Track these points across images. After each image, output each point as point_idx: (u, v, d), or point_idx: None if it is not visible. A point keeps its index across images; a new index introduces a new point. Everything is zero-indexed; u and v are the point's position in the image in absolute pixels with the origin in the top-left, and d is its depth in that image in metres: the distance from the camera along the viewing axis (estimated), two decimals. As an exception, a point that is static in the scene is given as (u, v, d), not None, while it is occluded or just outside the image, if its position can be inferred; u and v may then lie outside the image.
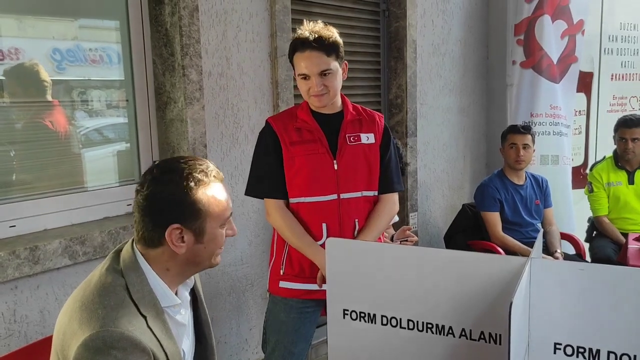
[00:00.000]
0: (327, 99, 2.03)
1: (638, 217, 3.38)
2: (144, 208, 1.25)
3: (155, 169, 1.28)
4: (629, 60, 4.66)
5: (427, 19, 3.74)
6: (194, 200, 1.24)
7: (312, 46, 1.97)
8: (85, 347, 1.08)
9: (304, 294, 2.08)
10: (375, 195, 2.12)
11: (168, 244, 1.25)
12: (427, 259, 1.39)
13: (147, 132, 2.55)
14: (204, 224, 1.26)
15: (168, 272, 1.27)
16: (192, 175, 1.25)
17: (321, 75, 1.99)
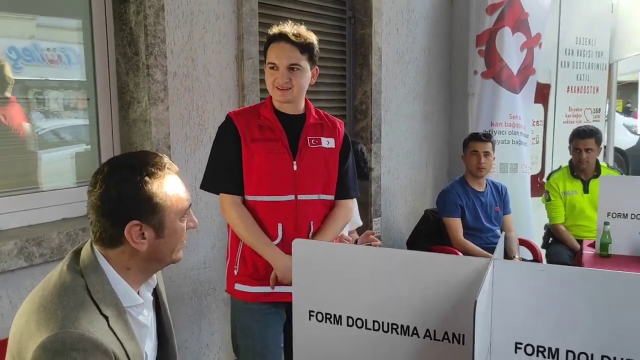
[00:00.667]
0: (290, 95, 2.03)
1: (592, 225, 3.48)
2: (99, 208, 1.21)
3: (106, 167, 1.24)
4: (584, 74, 4.83)
5: (392, 27, 3.79)
6: (151, 195, 1.22)
7: (289, 39, 1.99)
8: (43, 349, 1.05)
9: (260, 297, 2.06)
10: (331, 200, 2.13)
11: (128, 242, 1.22)
12: (393, 261, 1.41)
13: (109, 132, 2.50)
14: (163, 218, 1.24)
15: (129, 271, 1.24)
16: (145, 169, 1.23)
17: (289, 69, 2.00)
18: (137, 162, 1.24)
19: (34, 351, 1.05)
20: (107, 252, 1.23)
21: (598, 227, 2.91)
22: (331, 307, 1.45)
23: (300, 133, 2.07)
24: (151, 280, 1.33)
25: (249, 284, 2.06)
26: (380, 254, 1.45)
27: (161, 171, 1.25)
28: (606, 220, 2.87)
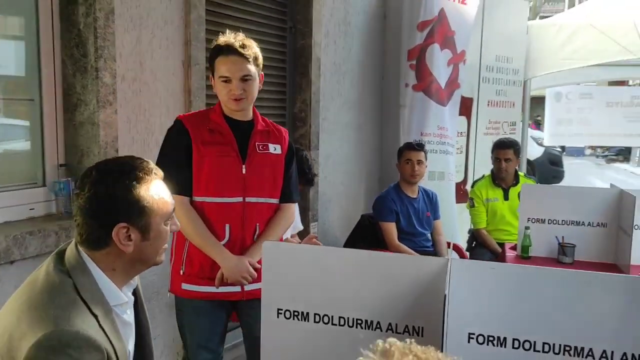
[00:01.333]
0: (245, 104, 2.12)
1: (512, 229, 3.79)
2: (87, 210, 1.25)
3: (94, 171, 1.28)
4: (502, 89, 5.22)
5: (330, 39, 3.94)
6: (138, 198, 1.26)
7: (236, 52, 2.07)
8: (39, 347, 1.07)
9: (206, 296, 2.13)
10: (276, 203, 2.23)
11: (114, 244, 1.25)
12: (357, 261, 1.52)
13: (53, 134, 2.45)
14: (150, 221, 1.29)
15: (115, 271, 1.28)
16: (133, 173, 1.27)
17: (242, 80, 2.08)
18: (125, 166, 1.29)
19: (29, 349, 1.07)
20: (93, 254, 1.26)
21: (519, 231, 3.18)
22: (298, 305, 1.54)
23: (248, 138, 2.15)
24: (132, 280, 1.37)
25: (196, 283, 2.12)
26: (345, 254, 1.56)
27: (148, 176, 1.29)
28: (527, 224, 3.14)
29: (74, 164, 2.48)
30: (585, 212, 3.08)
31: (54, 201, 2.43)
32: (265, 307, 1.57)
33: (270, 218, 2.21)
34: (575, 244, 3.04)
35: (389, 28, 4.49)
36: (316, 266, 1.53)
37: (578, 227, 3.10)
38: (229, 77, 2.08)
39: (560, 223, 3.12)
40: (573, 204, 3.10)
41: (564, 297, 1.35)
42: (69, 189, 2.41)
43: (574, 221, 3.10)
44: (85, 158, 2.46)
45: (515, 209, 3.80)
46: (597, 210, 3.07)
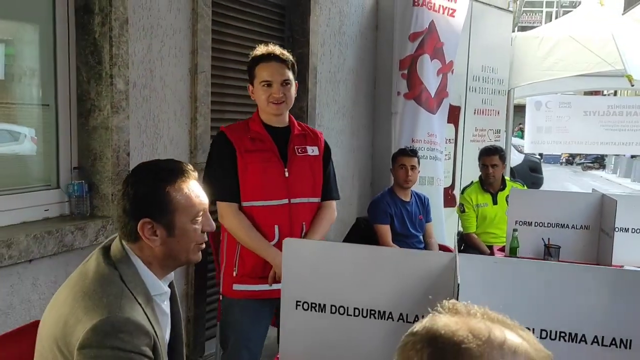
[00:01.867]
0: (284, 107, 2.26)
1: (500, 232, 3.96)
2: (121, 205, 1.37)
3: (131, 171, 1.41)
4: (488, 98, 5.42)
5: (326, 48, 4.08)
6: (162, 195, 1.35)
7: (277, 58, 2.22)
8: (94, 331, 1.18)
9: (257, 295, 2.24)
10: (318, 202, 2.36)
11: (142, 239, 1.36)
12: (371, 256, 1.66)
13: (67, 138, 2.54)
14: (174, 218, 1.37)
15: (151, 265, 1.39)
16: (162, 173, 1.38)
17: (283, 84, 2.21)
18: (156, 167, 1.40)
19: (85, 333, 1.18)
20: (131, 246, 1.37)
21: (507, 233, 3.34)
22: (316, 297, 1.67)
23: (287, 143, 2.29)
24: (169, 274, 1.48)
25: (248, 283, 2.25)
26: (360, 250, 1.69)
27: (177, 176, 1.39)
28: (514, 227, 3.31)
29: (87, 166, 2.57)
30: (569, 216, 3.26)
31: (67, 202, 2.53)
32: (284, 300, 1.69)
33: (313, 216, 2.35)
34: (560, 245, 3.21)
35: (381, 38, 4.65)
36: (332, 261, 1.66)
37: (563, 229, 3.27)
38: (270, 81, 2.23)
39: (546, 225, 3.29)
40: (558, 207, 3.28)
41: (558, 288, 1.50)
42: (82, 191, 2.51)
43: (559, 224, 3.27)
44: (98, 161, 2.56)
45: (503, 213, 3.98)
46: (581, 214, 3.25)
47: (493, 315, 0.75)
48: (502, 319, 0.74)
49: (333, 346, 1.67)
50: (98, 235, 2.48)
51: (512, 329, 0.73)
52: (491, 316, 0.75)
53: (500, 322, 0.73)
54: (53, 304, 1.32)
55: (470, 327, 0.72)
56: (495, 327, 0.72)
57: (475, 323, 0.73)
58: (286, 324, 1.70)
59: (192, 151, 3.01)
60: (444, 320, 0.75)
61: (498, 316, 0.75)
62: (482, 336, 0.70)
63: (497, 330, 0.71)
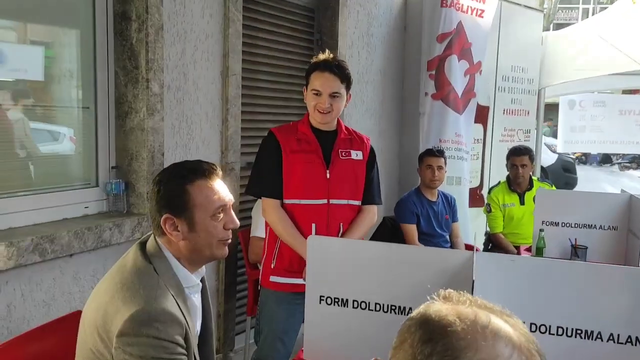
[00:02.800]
0: (329, 118, 2.35)
1: (527, 232, 3.96)
2: (151, 201, 1.49)
3: (160, 172, 1.52)
4: (517, 98, 5.40)
5: (355, 50, 4.15)
6: (182, 192, 1.45)
7: (332, 69, 2.30)
8: (132, 320, 1.28)
9: (292, 288, 2.34)
10: (358, 205, 2.45)
11: (167, 234, 1.45)
12: (392, 253, 1.72)
13: (106, 139, 2.67)
14: (193, 214, 1.45)
15: (180, 259, 1.49)
16: (184, 171, 1.47)
17: (331, 96, 2.30)
18: (181, 167, 1.50)
19: (124, 322, 1.28)
20: (162, 240, 1.47)
21: (534, 234, 3.36)
22: (339, 293, 1.75)
23: (332, 146, 2.38)
24: (201, 269, 1.57)
25: (284, 276, 2.36)
26: (381, 247, 1.76)
27: (198, 175, 1.48)
28: (541, 227, 3.32)
29: (124, 166, 2.70)
30: (597, 216, 3.26)
31: (106, 200, 2.66)
32: (309, 294, 1.78)
33: (352, 218, 2.42)
34: (588, 246, 3.21)
35: (409, 40, 4.70)
36: (355, 258, 1.74)
37: (590, 230, 3.27)
38: (320, 91, 2.32)
39: (573, 226, 3.29)
40: (585, 208, 3.28)
41: (573, 287, 1.55)
42: (119, 189, 2.64)
43: (587, 224, 3.27)
44: (134, 161, 2.68)
45: (531, 213, 3.98)
46: (609, 214, 3.24)
47: (481, 303, 0.81)
48: (490, 306, 0.80)
49: (355, 340, 1.74)
50: (134, 232, 2.60)
51: (499, 315, 0.79)
52: (479, 303, 0.81)
53: (488, 308, 0.80)
54: (95, 293, 1.43)
55: (457, 312, 0.79)
56: (481, 312, 0.78)
57: (463, 309, 0.79)
58: (310, 317, 1.78)
59: (223, 151, 3.12)
60: (436, 306, 0.82)
61: (487, 304, 0.81)
62: (467, 320, 0.76)
63: (483, 315, 0.77)
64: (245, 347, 3.18)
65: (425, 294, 1.68)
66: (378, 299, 1.71)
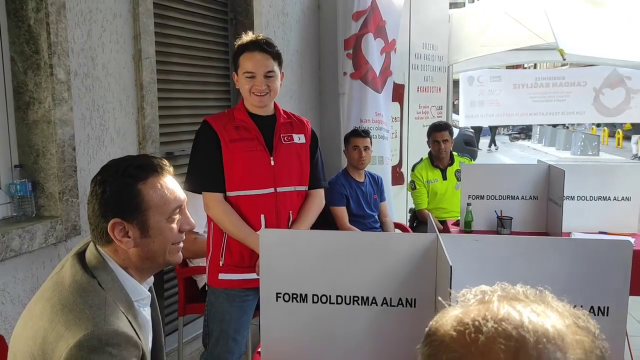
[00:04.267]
0: (267, 99, 2.19)
1: (450, 207, 4.04)
2: (91, 207, 1.27)
3: (99, 170, 1.30)
4: (429, 75, 5.49)
5: (270, 29, 3.98)
6: (133, 195, 1.25)
7: (262, 48, 2.15)
8: (79, 347, 1.08)
9: (243, 284, 2.18)
10: (305, 190, 2.32)
11: (115, 241, 1.26)
12: (351, 242, 1.63)
13: (5, 134, 2.36)
14: (147, 218, 1.27)
15: (128, 269, 1.29)
16: (130, 170, 1.27)
17: (265, 76, 2.14)
18: (124, 163, 1.29)
19: (70, 350, 1.08)
20: (105, 250, 1.27)
21: (462, 207, 3.41)
22: (297, 288, 1.62)
23: (273, 132, 2.23)
24: (149, 279, 1.38)
25: (234, 272, 2.17)
26: (339, 237, 1.66)
27: (148, 173, 1.28)
28: (468, 201, 3.38)
29: (29, 164, 2.40)
30: (519, 187, 3.36)
31: (10, 204, 2.35)
32: (264, 292, 1.64)
33: (301, 205, 2.30)
34: (512, 216, 3.31)
35: (324, 18, 4.59)
36: (312, 250, 1.62)
37: (513, 200, 3.37)
38: (253, 73, 2.15)
39: (497, 198, 3.38)
40: (508, 180, 3.37)
41: (531, 260, 1.53)
42: (25, 190, 2.34)
43: (510, 195, 3.37)
44: (41, 158, 2.39)
45: (453, 187, 4.06)
46: (529, 185, 3.36)
47: (513, 294, 0.71)
48: (521, 297, 0.70)
49: (317, 336, 1.63)
50: (47, 237, 2.32)
51: (522, 304, 0.68)
52: (511, 294, 0.71)
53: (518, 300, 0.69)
54: (27, 318, 1.21)
55: (459, 319, 0.69)
56: (490, 311, 0.67)
57: (470, 312, 0.68)
58: (267, 316, 1.65)
59: (141, 142, 2.87)
60: (445, 314, 0.72)
61: (520, 294, 0.71)
62: (461, 327, 0.67)
63: (485, 316, 0.66)
64: (179, 348, 2.98)
65: (388, 282, 1.61)
66: (339, 291, 1.61)
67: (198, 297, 2.93)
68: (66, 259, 1.29)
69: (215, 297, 2.27)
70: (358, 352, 1.62)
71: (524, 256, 1.51)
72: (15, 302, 2.23)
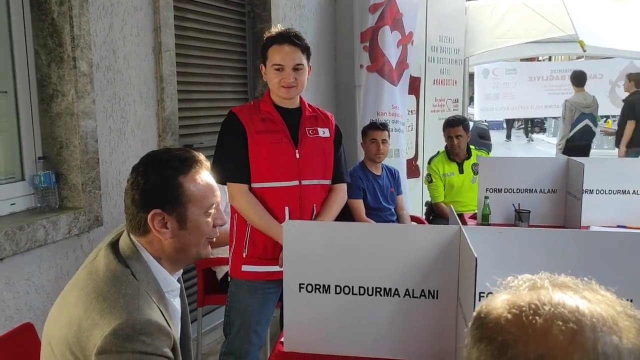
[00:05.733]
0: (294, 92, 2.21)
1: (467, 200, 4.03)
2: (130, 196, 1.30)
3: (141, 160, 1.32)
4: (446, 68, 5.46)
5: (287, 22, 3.98)
6: (174, 187, 1.28)
7: (291, 41, 2.16)
8: (114, 335, 1.11)
9: (266, 276, 2.20)
10: (329, 184, 2.33)
11: (153, 232, 1.28)
12: (373, 233, 1.64)
13: (29, 126, 2.39)
14: (185, 210, 1.29)
15: (161, 260, 1.32)
16: (173, 162, 1.30)
17: (294, 69, 2.16)
18: (167, 155, 1.32)
19: (105, 337, 1.11)
20: (140, 240, 1.29)
21: (479, 201, 3.40)
22: (320, 279, 1.64)
23: (298, 125, 2.24)
24: (179, 271, 1.40)
25: (257, 264, 2.19)
26: (361, 228, 1.67)
27: (190, 166, 1.31)
28: (485, 195, 3.37)
29: (52, 155, 2.43)
30: (537, 180, 3.34)
31: (34, 195, 2.39)
32: (287, 282, 1.66)
33: (324, 199, 2.31)
34: (530, 210, 3.29)
35: (340, 11, 4.58)
36: (335, 241, 1.63)
37: (531, 194, 3.36)
38: (282, 66, 2.16)
39: (515, 191, 3.36)
40: (526, 173, 3.36)
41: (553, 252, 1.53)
42: (49, 182, 2.38)
43: (528, 189, 3.36)
44: (64, 149, 2.42)
45: (470, 181, 4.05)
46: (547, 178, 3.34)
47: (560, 282, 0.72)
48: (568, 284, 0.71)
49: (339, 326, 1.65)
50: (71, 228, 2.36)
51: (573, 291, 0.69)
52: (558, 282, 0.72)
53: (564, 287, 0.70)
54: (61, 305, 1.24)
55: (511, 302, 0.70)
56: (542, 295, 0.68)
57: (521, 296, 0.70)
58: (290, 307, 1.67)
59: (161, 134, 2.90)
60: (494, 299, 0.73)
61: (567, 282, 0.72)
62: (516, 309, 0.67)
63: (538, 299, 0.67)
64: (198, 339, 3.02)
65: (410, 273, 1.62)
66: (362, 283, 1.62)
67: (217, 288, 2.96)
68: (99, 248, 1.31)
69: (237, 289, 2.29)
70: (380, 343, 1.64)
71: (546, 248, 1.51)
72: (40, 291, 2.27)
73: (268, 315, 2.32)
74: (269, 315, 2.33)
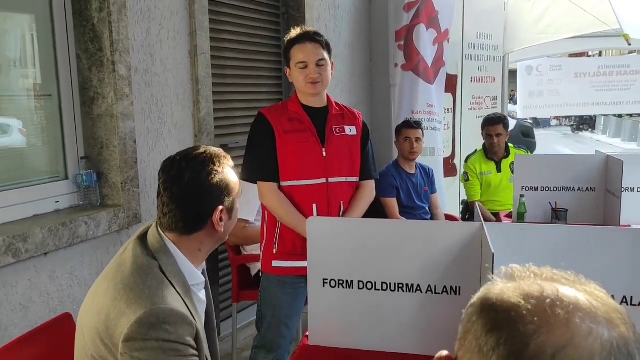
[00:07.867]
0: (320, 87, 2.26)
1: (504, 199, 3.97)
2: (183, 198, 1.34)
3: (177, 163, 1.36)
4: (484, 65, 5.39)
5: (322, 23, 4.03)
6: (225, 181, 1.38)
7: (312, 38, 2.23)
8: (139, 323, 1.18)
9: (295, 271, 2.26)
10: (356, 182, 2.38)
11: (207, 227, 1.36)
12: (396, 230, 1.66)
13: (72, 127, 2.51)
14: (233, 200, 1.42)
15: (200, 252, 1.39)
16: (213, 159, 1.38)
17: (317, 65, 2.23)
18: (203, 154, 1.38)
19: (131, 326, 1.18)
20: (181, 239, 1.36)
21: (514, 199, 3.35)
22: (343, 274, 1.67)
23: (325, 123, 2.29)
24: (202, 263, 1.47)
25: (287, 260, 2.26)
26: (384, 225, 1.70)
27: (225, 161, 1.42)
28: (521, 193, 3.32)
29: (94, 156, 2.55)
30: (574, 178, 3.27)
31: (77, 193, 2.50)
32: (311, 278, 1.70)
33: (352, 195, 2.36)
34: (567, 208, 3.23)
35: (375, 10, 4.60)
36: (358, 238, 1.66)
37: (569, 192, 3.28)
38: (306, 62, 2.23)
39: (552, 190, 3.30)
40: (563, 171, 3.29)
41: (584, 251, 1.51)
42: (91, 181, 2.49)
43: (565, 187, 3.29)
44: (105, 150, 2.53)
45: (507, 180, 3.99)
46: (586, 176, 3.26)
47: (548, 274, 0.73)
48: (559, 276, 0.72)
49: (362, 321, 1.68)
50: (111, 225, 2.47)
51: (570, 284, 0.70)
52: (546, 275, 0.72)
53: (556, 279, 0.71)
54: (93, 295, 1.32)
55: (522, 290, 0.70)
56: (549, 285, 0.69)
57: (528, 285, 0.71)
58: (314, 302, 1.71)
59: (197, 135, 2.99)
60: (498, 287, 0.73)
61: (555, 274, 0.72)
62: (533, 299, 0.68)
63: (550, 289, 0.68)
64: (233, 334, 3.09)
65: (433, 269, 1.64)
66: (385, 278, 1.65)
67: (251, 284, 3.03)
68: (129, 242, 1.38)
69: (268, 283, 2.34)
70: (402, 338, 1.65)
71: (571, 246, 1.50)
72: (82, 284, 2.38)
73: (299, 309, 2.37)
74: (299, 309, 2.37)
